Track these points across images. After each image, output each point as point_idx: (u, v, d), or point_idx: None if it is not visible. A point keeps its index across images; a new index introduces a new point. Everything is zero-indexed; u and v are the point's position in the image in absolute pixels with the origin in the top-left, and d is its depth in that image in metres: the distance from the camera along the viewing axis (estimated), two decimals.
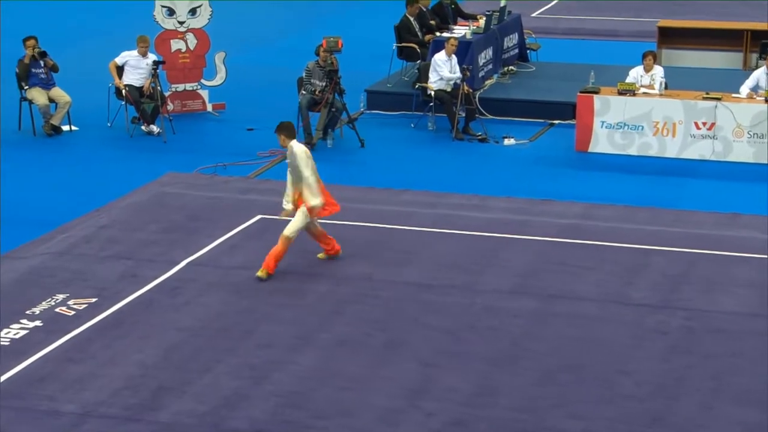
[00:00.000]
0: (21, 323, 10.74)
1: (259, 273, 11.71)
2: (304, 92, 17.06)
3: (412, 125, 18.08)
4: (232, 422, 9.06)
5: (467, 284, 11.70)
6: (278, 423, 9.04)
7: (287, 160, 12.03)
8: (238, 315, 10.98)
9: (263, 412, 9.19)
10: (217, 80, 19.03)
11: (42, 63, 17.24)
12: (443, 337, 10.54)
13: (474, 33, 19.28)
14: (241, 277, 11.83)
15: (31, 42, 17.39)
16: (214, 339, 10.48)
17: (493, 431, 8.93)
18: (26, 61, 17.24)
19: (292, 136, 12.03)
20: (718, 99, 16.30)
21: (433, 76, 17.70)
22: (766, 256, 12.37)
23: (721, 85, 17.48)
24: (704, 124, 16.30)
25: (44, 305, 11.15)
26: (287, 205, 11.96)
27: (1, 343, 10.34)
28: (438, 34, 19.51)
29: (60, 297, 11.34)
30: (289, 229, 11.79)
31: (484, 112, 18.16)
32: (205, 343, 10.40)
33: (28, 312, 10.98)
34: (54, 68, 17.37)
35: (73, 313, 10.99)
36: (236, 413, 9.18)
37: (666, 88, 16.82)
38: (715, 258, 12.40)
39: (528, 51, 21.50)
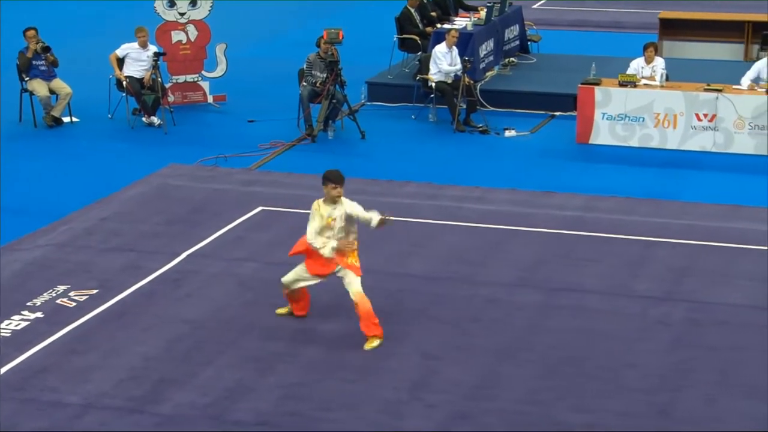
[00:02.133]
0: (22, 315, 10.72)
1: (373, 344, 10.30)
2: (305, 84, 17.03)
3: (413, 117, 18.05)
4: (236, 414, 9.04)
5: (470, 276, 11.67)
6: (282, 415, 9.02)
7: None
8: (241, 307, 10.96)
9: (267, 404, 9.17)
10: (218, 72, 18.99)
11: (43, 57, 17.19)
12: (447, 329, 10.52)
13: (475, 24, 19.25)
14: (243, 269, 11.81)
15: (31, 33, 17.34)
16: (216, 331, 10.45)
17: (497, 424, 8.90)
18: (29, 55, 17.18)
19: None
20: (720, 90, 16.27)
21: (433, 68, 17.66)
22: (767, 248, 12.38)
23: (723, 76, 17.46)
24: (705, 115, 16.27)
25: (46, 296, 11.12)
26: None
27: (3, 334, 10.31)
28: (439, 25, 19.48)
29: (62, 288, 11.31)
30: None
31: (485, 103, 18.12)
32: (207, 335, 10.38)
33: (29, 303, 10.96)
34: (54, 63, 17.31)
35: (74, 304, 10.97)
36: (240, 405, 9.16)
37: (667, 79, 16.79)
38: (718, 250, 12.38)
39: (529, 42, 21.47)
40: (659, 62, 17.12)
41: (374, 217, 10.20)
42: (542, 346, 10.16)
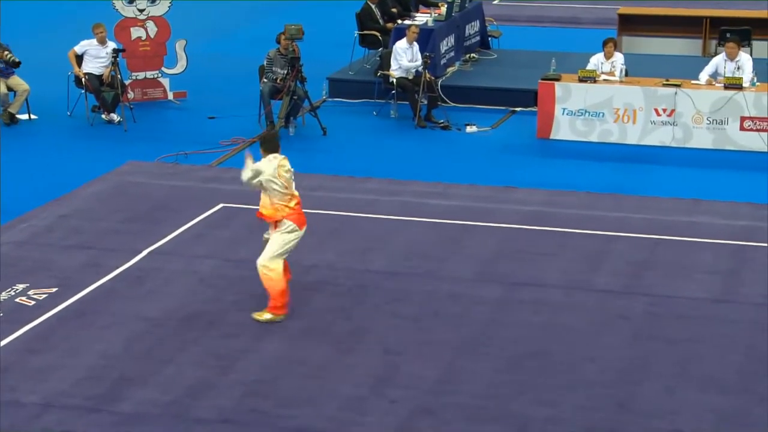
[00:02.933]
0: None
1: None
2: (265, 80, 16.98)
3: (375, 113, 18.05)
4: (198, 411, 9.01)
5: (431, 271, 11.69)
6: (244, 412, 9.00)
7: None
8: (202, 304, 10.91)
9: (229, 401, 9.14)
10: (178, 68, 18.90)
11: (3, 62, 17.00)
12: (408, 324, 10.54)
13: (435, 20, 19.28)
14: (204, 266, 11.77)
15: None
16: (177, 328, 10.41)
17: (459, 418, 8.93)
18: None
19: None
20: (678, 86, 16.38)
21: (394, 64, 17.67)
22: (728, 242, 12.46)
23: (681, 71, 17.57)
24: (664, 110, 16.38)
25: (4, 295, 11.03)
26: None
27: None
28: (400, 21, 19.49)
29: (20, 287, 11.22)
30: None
31: (446, 99, 18.16)
32: (168, 332, 10.33)
33: None
34: (15, 65, 17.11)
35: (33, 303, 10.89)
36: (201, 402, 9.13)
37: (626, 75, 16.89)
38: (678, 244, 12.47)
39: (490, 38, 21.53)
40: (618, 58, 17.21)
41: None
42: (503, 341, 10.20)
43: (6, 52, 17.05)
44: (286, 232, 10.54)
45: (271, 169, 10.42)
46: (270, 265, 10.46)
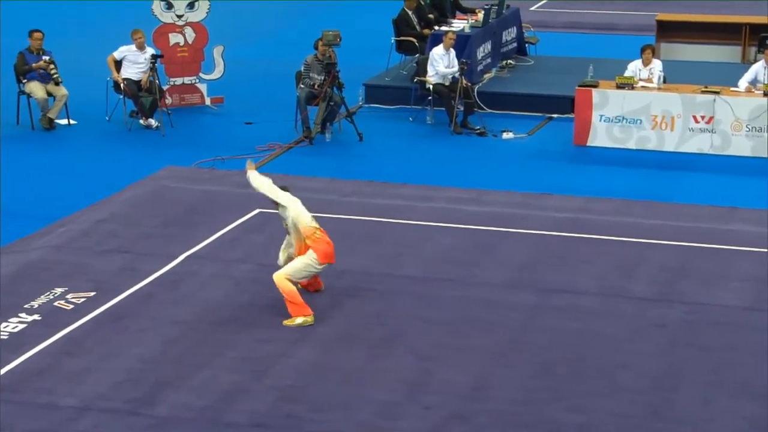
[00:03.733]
0: (20, 317, 10.73)
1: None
2: (302, 86, 17.06)
3: (411, 119, 18.08)
4: (231, 416, 9.06)
5: (465, 277, 11.70)
6: (278, 417, 9.04)
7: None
8: (237, 309, 10.97)
9: (263, 406, 9.19)
10: (216, 74, 19.02)
11: (50, 74, 17.20)
12: (441, 330, 10.55)
13: (472, 27, 19.29)
14: (240, 271, 11.83)
15: (38, 35, 17.36)
16: (213, 333, 10.47)
17: (492, 424, 8.93)
18: (35, 65, 17.14)
19: None
20: (717, 93, 16.31)
21: (431, 70, 17.69)
22: (764, 250, 12.38)
23: (720, 78, 17.50)
24: (702, 117, 16.30)
25: (43, 299, 11.14)
26: None
27: (1, 336, 10.33)
28: (436, 27, 19.51)
29: (59, 291, 11.33)
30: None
31: (482, 105, 18.16)
32: (203, 336, 10.40)
33: (26, 306, 10.97)
34: (56, 82, 17.28)
35: (71, 306, 10.99)
36: (235, 407, 9.18)
37: (664, 81, 16.84)
38: (714, 252, 12.41)
39: (526, 45, 21.51)
40: (656, 64, 17.16)
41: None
42: (536, 347, 10.19)
43: (52, 67, 17.23)
44: (309, 260, 10.65)
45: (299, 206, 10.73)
46: (281, 284, 10.62)
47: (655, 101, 16.46)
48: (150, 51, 17.70)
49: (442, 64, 17.60)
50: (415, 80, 18.25)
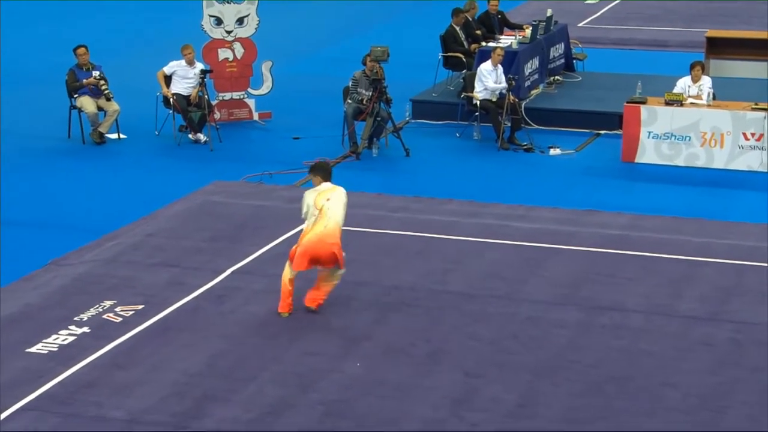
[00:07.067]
0: (69, 329, 10.85)
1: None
2: (349, 101, 17.11)
3: (458, 135, 18.08)
4: (278, 430, 9.08)
5: (511, 294, 11.67)
6: (323, 431, 9.06)
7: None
8: (283, 323, 11.02)
9: (308, 420, 9.21)
10: (264, 89, 19.13)
11: (101, 89, 17.41)
12: (487, 347, 10.52)
13: (520, 43, 19.25)
14: None
15: (81, 50, 17.58)
16: (259, 347, 10.52)
17: None
18: (86, 83, 17.37)
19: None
20: (767, 110, 16.16)
21: (478, 86, 17.69)
22: None
23: None
24: (753, 135, 16.17)
25: (92, 311, 11.25)
26: None
27: (50, 349, 10.44)
28: (484, 43, 19.50)
29: (107, 304, 11.44)
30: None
31: (529, 121, 18.12)
32: (250, 350, 10.45)
33: (76, 318, 11.09)
34: (107, 98, 17.47)
35: (120, 319, 11.09)
36: (281, 420, 9.22)
37: (714, 98, 16.72)
38: (764, 270, 12.28)
39: (574, 61, 21.43)
40: (706, 81, 17.03)
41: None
42: (583, 365, 10.14)
43: (102, 83, 17.43)
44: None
45: (311, 198, 10.94)
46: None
47: (704, 118, 16.34)
48: (199, 66, 17.85)
49: (490, 79, 17.59)
50: (462, 96, 18.26)
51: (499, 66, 17.73)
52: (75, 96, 17.58)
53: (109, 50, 21.56)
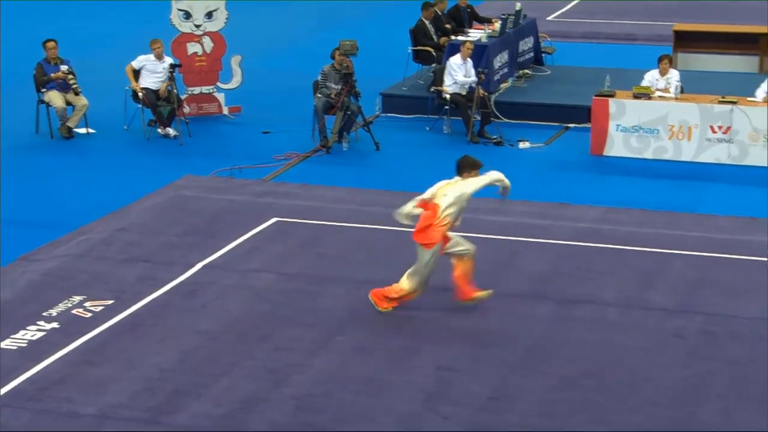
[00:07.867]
0: (38, 325, 10.75)
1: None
2: (319, 95, 17.06)
3: (428, 128, 18.07)
4: (251, 425, 9.04)
5: (484, 287, 11.65)
6: (297, 426, 9.03)
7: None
8: (255, 318, 10.97)
9: (282, 415, 9.17)
10: (233, 83, 19.05)
11: (69, 84, 17.26)
12: (461, 341, 10.52)
13: (489, 36, 19.27)
14: (258, 280, 11.83)
15: (51, 44, 17.43)
16: (231, 342, 10.47)
17: None
18: (55, 77, 17.21)
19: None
20: (734, 103, 16.25)
21: (448, 80, 17.68)
22: None
23: (737, 89, 17.44)
24: (720, 128, 16.25)
25: (61, 307, 11.16)
26: None
27: (19, 344, 10.34)
28: (453, 37, 19.50)
29: (77, 299, 11.35)
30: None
31: (499, 115, 18.14)
32: (222, 346, 10.39)
33: (45, 314, 10.99)
34: (75, 92, 17.33)
35: (90, 315, 11.00)
36: (254, 416, 9.17)
37: (682, 91, 16.79)
38: (734, 262, 12.36)
39: (543, 54, 21.47)
40: (674, 74, 17.11)
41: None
42: (557, 359, 10.15)
43: (71, 77, 17.29)
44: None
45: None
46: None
47: (672, 111, 16.41)
48: (168, 60, 17.74)
49: (459, 73, 17.58)
50: (432, 90, 18.25)
51: (469, 60, 17.73)
52: (43, 90, 17.43)
53: (77, 44, 21.37)
